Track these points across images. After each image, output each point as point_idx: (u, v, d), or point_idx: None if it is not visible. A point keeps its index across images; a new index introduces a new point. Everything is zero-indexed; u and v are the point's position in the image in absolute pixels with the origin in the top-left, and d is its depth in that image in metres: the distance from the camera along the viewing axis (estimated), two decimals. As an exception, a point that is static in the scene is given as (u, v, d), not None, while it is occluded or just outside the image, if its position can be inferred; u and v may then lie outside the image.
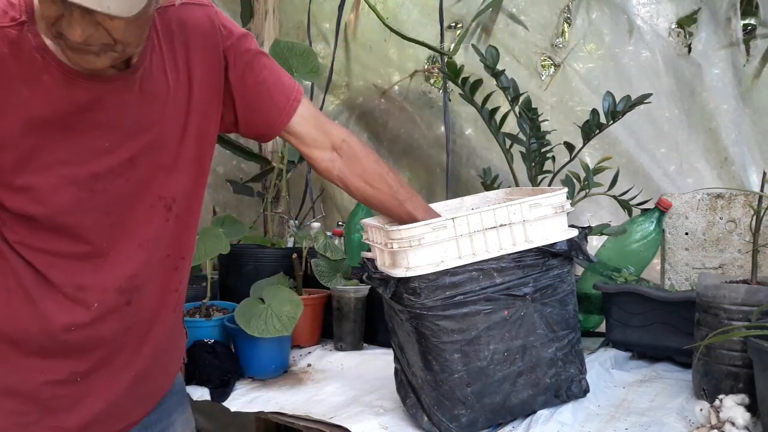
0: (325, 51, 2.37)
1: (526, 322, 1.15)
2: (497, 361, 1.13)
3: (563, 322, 1.18)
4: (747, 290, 1.14)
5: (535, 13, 1.96)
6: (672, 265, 1.61)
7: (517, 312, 1.14)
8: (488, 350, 1.13)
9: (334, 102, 2.44)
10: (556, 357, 1.18)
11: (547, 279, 1.16)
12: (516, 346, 1.14)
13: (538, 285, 1.15)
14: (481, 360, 1.12)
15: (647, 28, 1.82)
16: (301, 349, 1.69)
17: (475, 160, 2.09)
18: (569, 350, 1.19)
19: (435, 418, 1.13)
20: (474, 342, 1.12)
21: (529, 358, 1.16)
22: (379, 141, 2.37)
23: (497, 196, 1.40)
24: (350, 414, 1.25)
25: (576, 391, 1.22)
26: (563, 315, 1.18)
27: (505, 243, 1.12)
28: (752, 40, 1.73)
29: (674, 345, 1.38)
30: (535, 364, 1.16)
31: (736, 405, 1.07)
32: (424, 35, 2.09)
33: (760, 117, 1.73)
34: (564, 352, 1.19)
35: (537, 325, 1.16)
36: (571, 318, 1.20)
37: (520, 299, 1.14)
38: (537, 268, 1.15)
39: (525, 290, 1.14)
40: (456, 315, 1.10)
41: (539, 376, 1.17)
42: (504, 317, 1.13)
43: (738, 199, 1.53)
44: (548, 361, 1.17)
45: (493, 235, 1.11)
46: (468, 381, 1.12)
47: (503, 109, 1.65)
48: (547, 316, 1.16)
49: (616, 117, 1.52)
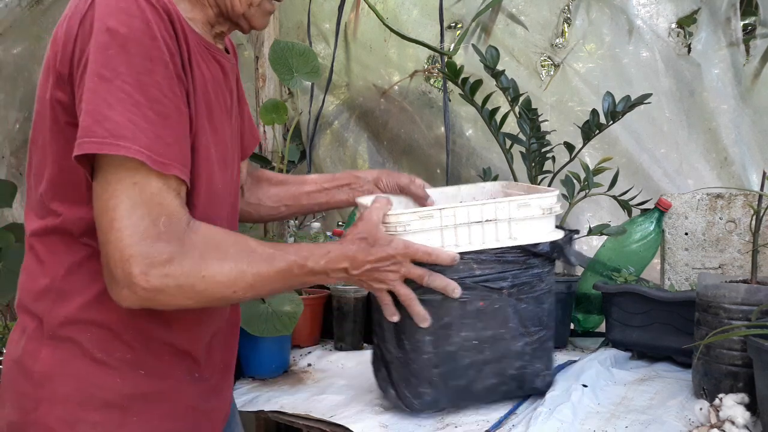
0: (325, 51, 2.37)
1: (499, 315, 1.17)
2: (466, 348, 1.17)
3: (536, 318, 1.20)
4: (747, 290, 1.14)
5: (534, 13, 1.96)
6: (672, 265, 1.61)
7: (491, 304, 1.16)
8: (459, 337, 1.16)
9: (334, 102, 2.44)
10: (524, 351, 1.20)
11: (526, 276, 1.18)
12: (486, 336, 1.17)
13: (515, 281, 1.17)
14: (451, 345, 1.16)
15: (647, 28, 1.82)
16: (301, 349, 1.69)
17: (475, 160, 2.09)
18: (538, 346, 1.22)
19: (401, 392, 1.20)
20: (446, 327, 1.15)
21: (497, 349, 1.18)
22: (379, 141, 2.37)
23: (494, 187, 1.41)
24: (350, 413, 1.25)
25: (540, 385, 1.24)
26: (537, 312, 1.20)
27: (488, 238, 1.13)
28: (752, 40, 1.73)
29: (674, 345, 1.39)
30: (503, 355, 1.19)
31: (736, 404, 1.07)
32: (424, 35, 2.09)
33: (760, 117, 1.73)
34: (533, 347, 1.21)
35: (510, 318, 1.18)
36: (545, 316, 1.22)
37: (497, 292, 1.16)
38: (517, 265, 1.17)
39: (502, 284, 1.16)
40: (432, 301, 1.12)
41: (505, 366, 1.20)
42: (478, 307, 1.16)
43: (738, 199, 1.54)
44: (516, 354, 1.20)
45: (477, 229, 1.12)
46: (436, 363, 1.16)
47: (503, 109, 1.65)
48: (521, 312, 1.18)
49: (615, 117, 1.52)
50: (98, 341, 0.91)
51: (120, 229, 0.80)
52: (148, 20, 0.83)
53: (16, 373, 0.93)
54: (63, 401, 0.89)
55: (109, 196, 0.81)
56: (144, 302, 0.83)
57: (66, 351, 0.90)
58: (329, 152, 2.43)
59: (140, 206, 0.81)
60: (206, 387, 1.03)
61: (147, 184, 0.82)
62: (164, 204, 0.83)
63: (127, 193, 0.81)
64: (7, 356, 0.96)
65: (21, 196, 2.27)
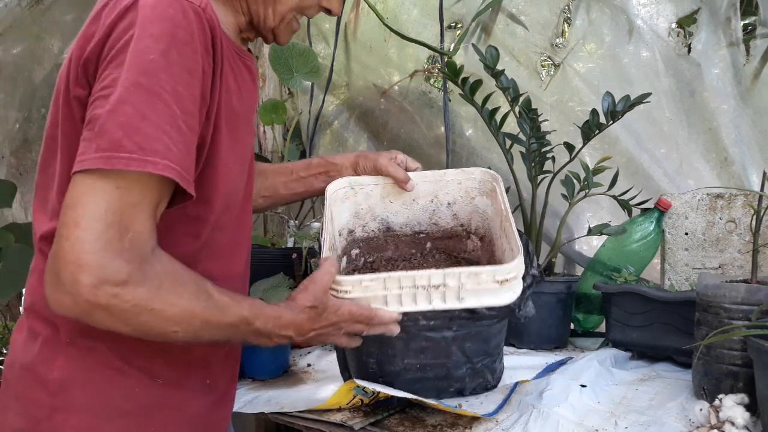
0: (325, 51, 2.37)
1: (442, 351, 1.19)
2: (409, 368, 1.20)
3: (482, 352, 1.23)
4: (747, 289, 1.14)
5: (534, 13, 1.96)
6: (672, 265, 1.61)
7: (435, 345, 1.18)
8: (402, 363, 1.20)
9: (334, 102, 2.44)
10: (466, 373, 1.24)
11: (473, 326, 1.19)
12: (429, 363, 1.20)
13: (461, 330, 1.18)
14: (394, 366, 1.20)
15: (647, 28, 1.82)
16: (300, 349, 1.69)
17: (475, 160, 2.09)
18: (483, 368, 1.25)
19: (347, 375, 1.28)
20: (389, 355, 1.19)
21: (440, 371, 1.21)
22: (379, 141, 2.37)
23: (483, 176, 1.29)
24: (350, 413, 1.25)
25: (479, 390, 1.27)
26: (483, 348, 1.23)
27: (435, 301, 1.03)
28: (752, 40, 1.73)
29: (674, 345, 1.38)
30: (446, 376, 1.22)
31: (736, 405, 1.07)
32: (424, 35, 2.09)
33: (760, 117, 1.73)
34: (477, 369, 1.24)
35: (453, 353, 1.20)
36: (491, 349, 1.25)
37: (441, 339, 1.17)
38: (464, 319, 1.17)
39: (446, 333, 1.17)
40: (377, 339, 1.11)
41: (447, 382, 1.23)
42: (422, 346, 1.18)
43: (738, 199, 1.53)
44: (459, 376, 1.23)
45: (423, 293, 1.03)
46: (379, 373, 1.22)
47: (503, 109, 1.65)
48: (465, 349, 1.20)
49: (615, 117, 1.52)
50: (118, 349, 0.89)
51: (84, 229, 0.74)
52: (192, 32, 0.81)
53: (27, 379, 0.90)
54: (79, 410, 0.88)
55: (86, 190, 0.75)
56: (80, 314, 0.76)
57: (84, 359, 0.88)
58: (329, 152, 2.43)
59: (113, 213, 0.75)
60: (216, 396, 1.03)
61: (129, 193, 0.76)
62: (137, 220, 0.77)
63: (106, 195, 0.75)
64: (14, 361, 0.93)
65: (21, 196, 2.27)
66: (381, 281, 1.02)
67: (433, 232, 1.34)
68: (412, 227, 1.33)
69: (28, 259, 0.97)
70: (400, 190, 1.27)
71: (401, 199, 1.30)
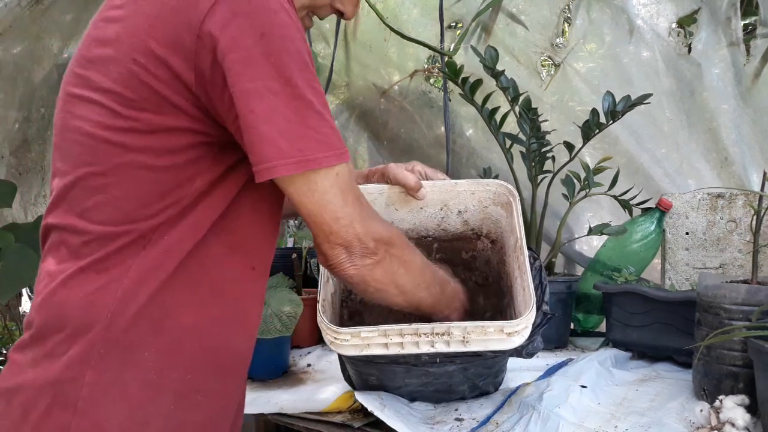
0: (325, 51, 2.37)
1: (444, 376, 1.20)
2: (411, 386, 1.22)
3: (485, 375, 1.24)
4: (747, 290, 1.14)
5: (535, 13, 1.96)
6: (672, 265, 1.61)
7: (437, 374, 1.19)
8: (404, 384, 1.21)
9: (334, 102, 2.44)
10: (467, 387, 1.25)
11: (478, 362, 1.19)
12: (431, 381, 1.21)
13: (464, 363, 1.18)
14: (397, 388, 1.22)
15: (647, 27, 1.81)
16: (300, 349, 1.69)
17: (475, 160, 2.09)
18: (485, 384, 1.27)
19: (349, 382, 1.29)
20: (391, 381, 1.20)
21: (441, 386, 1.23)
22: (379, 141, 2.37)
23: (499, 188, 1.25)
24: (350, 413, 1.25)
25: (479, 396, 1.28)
26: (486, 373, 1.23)
27: (438, 345, 1.02)
28: (752, 40, 1.73)
29: (674, 345, 1.38)
30: (447, 390, 1.24)
31: (736, 406, 1.07)
32: (424, 35, 2.09)
33: (761, 117, 1.73)
34: (479, 385, 1.26)
35: (455, 375, 1.20)
36: (495, 371, 1.26)
37: (444, 372, 1.18)
38: (468, 360, 1.17)
39: (449, 368, 1.17)
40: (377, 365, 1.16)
41: (448, 395, 1.25)
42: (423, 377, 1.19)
43: (738, 199, 1.53)
44: (460, 390, 1.25)
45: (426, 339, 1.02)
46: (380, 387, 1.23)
47: (503, 109, 1.65)
48: (469, 375, 1.21)
49: (615, 117, 1.51)
50: (156, 360, 0.82)
51: (346, 206, 0.85)
52: (294, 20, 0.80)
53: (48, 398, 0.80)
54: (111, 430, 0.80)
55: (324, 190, 0.84)
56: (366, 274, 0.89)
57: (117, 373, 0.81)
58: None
59: (348, 193, 0.85)
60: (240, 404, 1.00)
61: (344, 176, 0.85)
62: (360, 193, 0.89)
63: (338, 181, 0.84)
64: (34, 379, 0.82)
65: (21, 196, 2.27)
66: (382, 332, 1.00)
67: (441, 237, 1.32)
68: (418, 232, 1.30)
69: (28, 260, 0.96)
70: (408, 198, 1.21)
71: (408, 206, 1.25)
